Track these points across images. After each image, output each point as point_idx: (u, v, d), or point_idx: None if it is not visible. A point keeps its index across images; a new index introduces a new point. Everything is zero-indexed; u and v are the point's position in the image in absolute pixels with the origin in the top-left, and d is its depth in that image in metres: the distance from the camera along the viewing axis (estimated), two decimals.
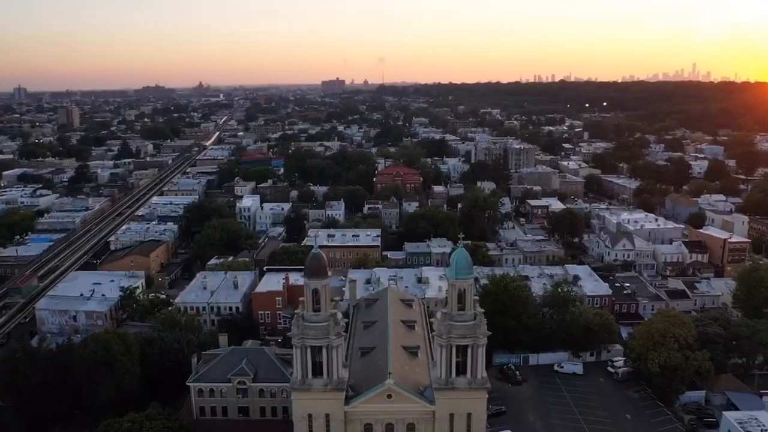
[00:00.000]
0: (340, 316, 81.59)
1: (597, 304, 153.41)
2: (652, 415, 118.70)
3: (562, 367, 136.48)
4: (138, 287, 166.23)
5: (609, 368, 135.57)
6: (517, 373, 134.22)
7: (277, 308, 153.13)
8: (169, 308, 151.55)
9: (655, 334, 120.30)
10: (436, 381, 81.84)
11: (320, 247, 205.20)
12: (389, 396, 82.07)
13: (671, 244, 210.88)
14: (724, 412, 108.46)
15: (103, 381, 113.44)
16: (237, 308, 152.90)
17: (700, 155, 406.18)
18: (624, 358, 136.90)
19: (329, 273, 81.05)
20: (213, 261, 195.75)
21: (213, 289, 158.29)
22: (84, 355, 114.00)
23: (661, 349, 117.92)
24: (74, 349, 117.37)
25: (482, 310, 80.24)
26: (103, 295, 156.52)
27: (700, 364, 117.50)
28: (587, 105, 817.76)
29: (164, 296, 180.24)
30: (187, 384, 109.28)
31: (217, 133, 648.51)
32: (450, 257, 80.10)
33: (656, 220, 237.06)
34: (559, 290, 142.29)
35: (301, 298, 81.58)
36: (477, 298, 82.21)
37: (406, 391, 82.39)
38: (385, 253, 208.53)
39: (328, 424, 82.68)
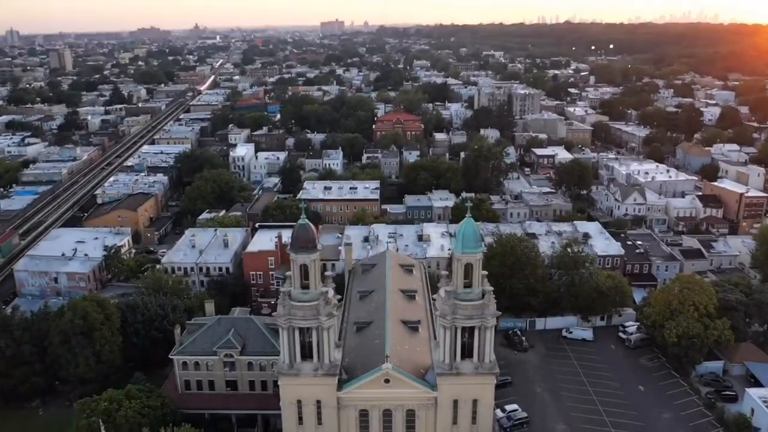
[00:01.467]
0: (332, 293, 72.87)
1: (608, 264, 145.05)
2: (666, 386, 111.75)
3: (571, 332, 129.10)
4: (123, 245, 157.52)
5: (620, 334, 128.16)
6: (524, 339, 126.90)
7: (269, 269, 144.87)
8: (156, 267, 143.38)
9: (673, 301, 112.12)
10: (439, 365, 73.85)
11: (316, 200, 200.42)
12: (387, 381, 74.31)
13: (684, 197, 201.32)
14: (747, 389, 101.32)
15: (82, 352, 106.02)
16: (227, 269, 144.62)
17: (710, 101, 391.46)
18: (636, 324, 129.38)
19: (319, 245, 71.96)
20: (204, 216, 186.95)
21: (202, 248, 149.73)
22: (60, 325, 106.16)
23: (679, 318, 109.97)
24: (50, 318, 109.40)
25: (491, 288, 71.39)
26: (85, 254, 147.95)
27: (720, 333, 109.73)
28: (593, 48, 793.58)
29: (151, 255, 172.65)
30: (170, 357, 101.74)
31: (213, 76, 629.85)
32: (457, 230, 71.03)
33: (668, 171, 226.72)
34: (569, 251, 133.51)
35: (288, 273, 72.68)
36: (485, 273, 73.21)
37: (406, 375, 74.57)
38: (384, 206, 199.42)
39: (320, 411, 75.25)
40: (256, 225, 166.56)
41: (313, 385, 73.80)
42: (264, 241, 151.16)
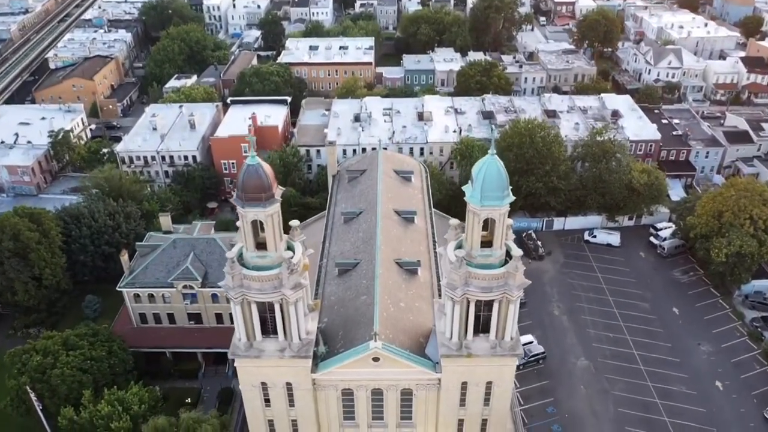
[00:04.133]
0: (299, 256, 53.43)
1: (641, 151, 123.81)
2: (705, 309, 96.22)
3: (595, 236, 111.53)
4: (74, 127, 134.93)
5: (652, 238, 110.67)
6: (539, 244, 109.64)
7: (243, 156, 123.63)
8: (114, 151, 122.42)
9: (725, 213, 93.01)
10: (444, 344, 56.46)
11: (300, 64, 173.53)
12: (376, 359, 57.49)
13: (724, 59, 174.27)
14: None
15: (18, 278, 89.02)
16: (194, 157, 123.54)
17: None
18: (670, 226, 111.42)
19: (277, 194, 51.37)
20: (171, 83, 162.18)
21: (164, 132, 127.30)
22: None
23: (731, 233, 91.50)
24: None
25: (520, 252, 51.68)
26: (29, 141, 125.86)
27: None
28: None
29: (114, 131, 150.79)
30: (119, 289, 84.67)
31: None
32: (475, 170, 49.91)
33: (706, 25, 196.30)
34: (598, 138, 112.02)
35: (239, 222, 52.86)
36: (511, 222, 53.10)
37: (399, 354, 57.49)
38: (379, 70, 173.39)
39: (291, 393, 59.25)
40: (228, 100, 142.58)
41: (280, 367, 57.09)
42: (236, 121, 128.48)
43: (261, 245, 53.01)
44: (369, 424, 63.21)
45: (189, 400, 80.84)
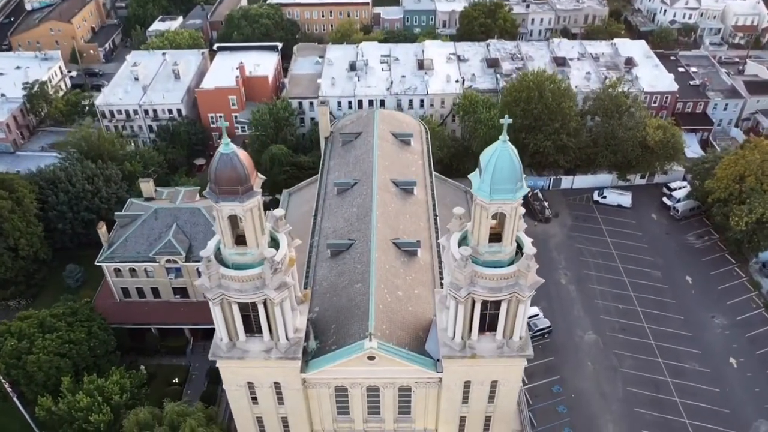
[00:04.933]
0: (284, 251, 47.55)
1: (655, 102, 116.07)
2: (719, 277, 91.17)
3: (605, 196, 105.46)
4: (50, 78, 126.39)
5: (665, 199, 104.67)
6: (546, 205, 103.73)
7: (232, 110, 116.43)
8: (92, 104, 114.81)
9: (747, 177, 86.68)
10: (446, 343, 51.39)
11: (292, 5, 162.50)
12: (371, 357, 52.61)
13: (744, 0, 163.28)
14: None
15: None
16: (179, 111, 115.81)
17: None
18: (684, 185, 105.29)
19: (256, 185, 44.94)
20: (155, 26, 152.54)
21: (147, 83, 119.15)
22: None
23: (753, 200, 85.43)
24: None
25: (533, 250, 45.81)
26: (2, 95, 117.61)
27: None
28: None
29: (95, 79, 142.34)
30: (97, 264, 79.30)
31: None
32: (484, 157, 43.44)
33: None
34: (611, 91, 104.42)
35: (215, 212, 46.72)
36: (523, 211, 46.95)
37: (397, 353, 52.56)
38: (377, 10, 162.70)
39: (279, 392, 54.68)
40: (215, 47, 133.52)
41: (267, 368, 52.28)
42: (224, 71, 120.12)
43: (241, 239, 47.06)
44: (365, 419, 59.09)
45: (176, 380, 77.00)
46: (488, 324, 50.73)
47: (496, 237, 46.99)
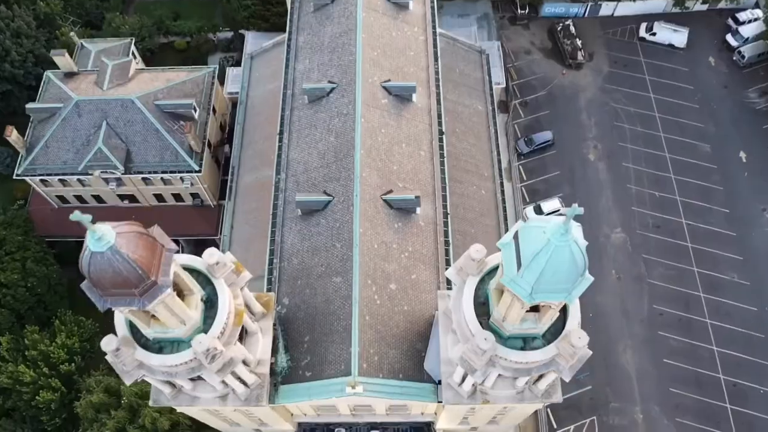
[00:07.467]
0: (223, 317, 32.79)
1: None
2: None
3: (655, 33, 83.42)
4: None
5: (729, 37, 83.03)
6: (579, 44, 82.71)
7: None
8: None
9: None
10: (451, 387, 39.55)
11: None
12: (354, 386, 41.61)
13: None
14: None
15: None
16: None
17: None
18: (756, 16, 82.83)
19: (163, 273, 28.19)
20: None
21: None
22: None
23: None
24: None
25: (577, 322, 31.60)
26: None
27: None
28: None
29: None
30: (16, 178, 63.49)
31: None
32: (517, 244, 26.58)
33: None
34: None
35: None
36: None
37: (387, 393, 41.21)
38: None
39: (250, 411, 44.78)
40: None
41: (227, 407, 41.53)
42: None
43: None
44: (353, 414, 50.61)
45: None
46: None
47: (531, 308, 32.48)
